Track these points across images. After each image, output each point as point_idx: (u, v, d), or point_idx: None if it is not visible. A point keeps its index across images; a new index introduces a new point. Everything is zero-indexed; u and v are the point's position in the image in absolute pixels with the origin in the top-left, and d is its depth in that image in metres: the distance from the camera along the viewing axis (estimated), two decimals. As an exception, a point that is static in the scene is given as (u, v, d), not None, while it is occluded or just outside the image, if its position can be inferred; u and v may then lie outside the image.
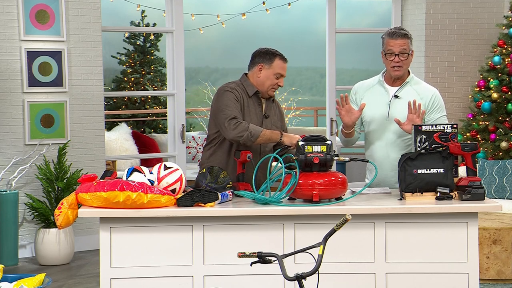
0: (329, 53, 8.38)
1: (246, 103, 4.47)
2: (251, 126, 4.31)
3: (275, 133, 4.36)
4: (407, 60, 4.48)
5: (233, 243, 3.96)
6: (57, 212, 3.96)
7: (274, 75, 4.47)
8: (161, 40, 13.64)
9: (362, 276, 4.01)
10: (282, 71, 4.47)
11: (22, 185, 6.95)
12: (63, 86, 7.10)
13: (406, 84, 4.57)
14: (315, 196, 3.94)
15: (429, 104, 4.54)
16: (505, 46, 8.07)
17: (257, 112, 4.49)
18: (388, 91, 4.58)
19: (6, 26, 6.85)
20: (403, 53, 4.45)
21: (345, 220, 3.00)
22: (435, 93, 4.59)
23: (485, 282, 5.83)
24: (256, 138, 4.30)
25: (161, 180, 3.98)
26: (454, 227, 4.00)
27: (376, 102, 4.57)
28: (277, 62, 4.47)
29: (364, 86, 4.70)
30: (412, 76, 4.61)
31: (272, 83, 4.48)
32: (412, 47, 4.49)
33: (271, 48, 4.52)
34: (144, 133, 12.20)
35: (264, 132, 4.32)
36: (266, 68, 4.47)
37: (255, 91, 4.50)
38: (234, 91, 4.44)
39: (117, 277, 3.96)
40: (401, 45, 4.44)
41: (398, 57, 4.45)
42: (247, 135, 4.28)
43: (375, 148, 4.61)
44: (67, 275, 6.39)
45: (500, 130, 7.89)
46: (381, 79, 4.62)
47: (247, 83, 4.52)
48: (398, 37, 4.45)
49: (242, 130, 4.29)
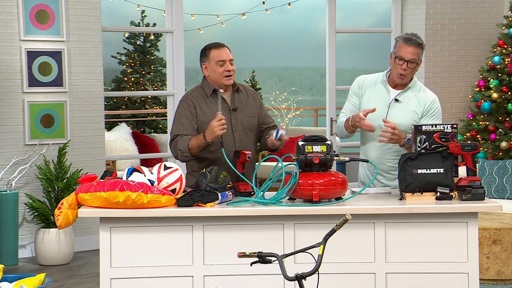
0: (329, 53, 8.38)
1: (205, 105, 4.50)
2: (178, 143, 4.39)
3: (199, 137, 4.35)
4: (414, 70, 4.46)
5: (233, 243, 3.95)
6: (57, 212, 3.96)
7: (216, 65, 4.48)
8: (161, 40, 13.65)
9: (362, 276, 4.01)
10: (220, 57, 4.48)
11: (22, 185, 6.95)
12: (63, 86, 7.10)
13: (408, 89, 4.54)
14: (315, 196, 3.94)
15: (425, 109, 4.52)
16: (505, 46, 8.07)
17: (223, 108, 4.48)
18: (390, 93, 4.56)
19: (6, 26, 6.85)
20: (413, 62, 4.41)
21: (345, 220, 3.00)
22: (434, 100, 4.56)
23: (485, 282, 5.83)
24: (189, 152, 4.37)
25: (161, 180, 3.98)
26: (454, 227, 4.00)
27: (376, 101, 4.55)
28: (212, 52, 4.50)
29: (368, 80, 4.66)
30: (415, 81, 4.58)
31: (219, 72, 4.48)
32: (422, 57, 4.46)
33: (206, 45, 4.58)
34: (144, 133, 12.20)
35: (191, 142, 4.36)
36: (207, 63, 4.52)
37: (212, 90, 4.52)
38: (187, 100, 4.53)
39: (117, 277, 3.96)
40: (413, 53, 4.39)
41: (407, 64, 4.41)
42: (179, 154, 4.40)
43: (370, 147, 4.62)
44: (67, 275, 6.39)
45: (500, 130, 7.89)
46: (384, 79, 4.59)
47: (205, 84, 4.57)
48: (412, 44, 4.39)
49: (175, 150, 4.43)
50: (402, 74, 4.43)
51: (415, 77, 4.61)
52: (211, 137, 4.28)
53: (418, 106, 4.50)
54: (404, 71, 4.42)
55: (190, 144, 4.36)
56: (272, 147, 4.49)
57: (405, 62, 4.40)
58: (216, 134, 4.24)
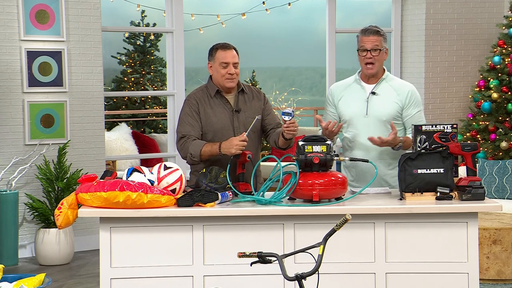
0: (329, 53, 8.38)
1: (208, 105, 4.49)
2: (191, 147, 4.37)
3: (213, 147, 4.34)
4: (379, 57, 4.56)
5: (233, 243, 3.95)
6: (57, 212, 3.96)
7: (219, 66, 4.47)
8: (161, 40, 13.65)
9: (362, 276, 4.01)
10: (224, 59, 4.47)
11: (22, 185, 6.95)
12: (63, 86, 7.10)
13: (382, 80, 4.65)
14: (315, 196, 3.94)
15: (405, 100, 4.61)
16: (505, 46, 8.07)
17: (225, 109, 4.49)
18: (365, 89, 4.66)
19: (6, 26, 6.85)
20: (375, 49, 4.54)
21: (345, 220, 3.00)
22: (411, 89, 4.67)
23: (485, 282, 5.83)
24: (199, 157, 4.36)
25: (161, 180, 3.98)
26: (454, 227, 4.00)
27: (354, 100, 4.66)
28: (218, 53, 4.49)
29: (340, 86, 4.78)
30: (388, 74, 4.69)
31: (222, 74, 4.47)
32: (385, 45, 4.58)
33: (214, 44, 4.56)
34: (144, 133, 12.20)
35: (204, 149, 4.35)
36: (212, 63, 4.52)
37: (216, 90, 4.51)
38: (191, 99, 4.52)
39: (117, 277, 3.96)
40: (373, 41, 4.54)
41: (370, 53, 4.55)
42: (189, 157, 4.39)
43: (355, 146, 4.64)
44: (67, 275, 6.39)
45: (500, 130, 7.89)
46: (357, 78, 4.71)
47: (210, 84, 4.56)
48: (370, 33, 4.56)
49: (185, 152, 4.41)
50: (368, 63, 4.56)
51: (387, 71, 4.69)
52: (227, 151, 4.26)
53: (397, 96, 4.60)
54: (369, 59, 4.55)
55: (202, 151, 4.35)
56: (283, 145, 4.47)
57: (368, 52, 4.54)
58: (232, 152, 4.23)
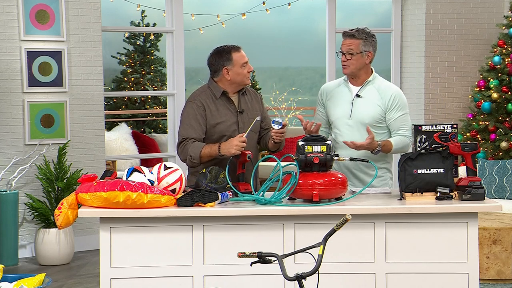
0: (329, 53, 8.38)
1: (214, 107, 4.47)
2: (190, 149, 4.35)
3: (213, 148, 4.33)
4: (353, 60, 4.58)
5: (233, 243, 3.95)
6: (57, 212, 3.96)
7: (240, 67, 4.46)
8: (161, 40, 13.65)
9: (362, 276, 4.01)
10: (243, 59, 4.46)
11: (22, 185, 6.95)
12: (63, 86, 7.10)
13: (368, 83, 4.66)
14: (315, 196, 3.94)
15: (388, 104, 4.61)
16: (505, 46, 8.07)
17: (230, 110, 4.49)
18: (352, 91, 4.69)
19: (6, 26, 6.85)
20: (349, 53, 4.58)
21: (345, 220, 3.00)
22: (396, 92, 4.65)
23: (485, 282, 5.83)
24: (199, 159, 4.35)
25: (161, 180, 3.98)
26: (454, 227, 4.00)
27: (340, 102, 4.69)
28: (235, 55, 4.45)
29: (330, 86, 4.82)
30: (375, 76, 4.70)
31: (244, 74, 4.47)
32: (365, 48, 4.58)
33: (220, 47, 4.51)
34: (144, 133, 12.21)
35: (203, 150, 4.33)
36: (230, 67, 4.44)
37: (222, 92, 4.49)
38: (196, 101, 4.46)
39: (117, 277, 3.96)
40: (348, 44, 4.60)
41: (344, 56, 4.60)
42: (189, 159, 4.38)
43: (339, 147, 4.65)
44: (67, 275, 6.39)
45: (500, 130, 7.89)
46: (345, 79, 4.74)
47: (213, 85, 4.50)
48: (346, 37, 4.62)
49: (184, 154, 4.39)
50: (343, 65, 4.63)
51: (375, 73, 4.71)
52: (226, 152, 4.25)
53: (380, 99, 4.61)
54: (344, 62, 4.62)
55: (202, 153, 4.33)
56: (272, 148, 4.48)
57: (343, 54, 4.61)
58: (232, 152, 4.22)
